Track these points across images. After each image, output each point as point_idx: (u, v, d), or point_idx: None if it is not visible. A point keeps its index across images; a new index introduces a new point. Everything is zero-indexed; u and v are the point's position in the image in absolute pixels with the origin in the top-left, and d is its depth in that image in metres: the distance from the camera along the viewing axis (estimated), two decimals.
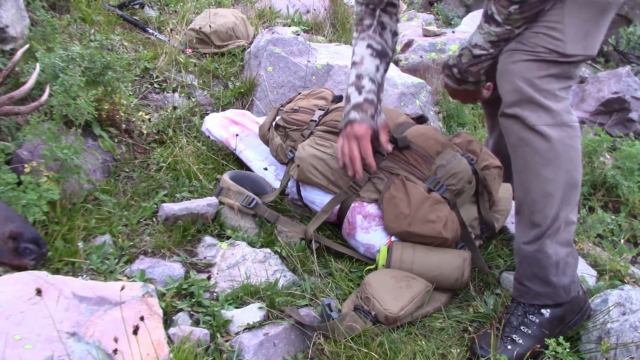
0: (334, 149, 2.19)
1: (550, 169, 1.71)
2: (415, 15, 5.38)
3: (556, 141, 1.69)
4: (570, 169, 1.73)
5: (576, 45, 1.68)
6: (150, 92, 2.99)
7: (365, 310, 1.85)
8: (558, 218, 1.74)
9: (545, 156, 1.70)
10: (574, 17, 1.66)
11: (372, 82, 2.07)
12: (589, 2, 1.66)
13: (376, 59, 2.09)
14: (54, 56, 2.32)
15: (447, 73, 2.10)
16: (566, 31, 1.67)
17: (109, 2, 3.64)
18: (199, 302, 1.82)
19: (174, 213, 2.13)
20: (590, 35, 1.69)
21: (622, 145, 3.01)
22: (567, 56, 1.68)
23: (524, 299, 1.83)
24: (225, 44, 3.46)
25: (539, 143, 1.70)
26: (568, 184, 1.73)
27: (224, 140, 2.63)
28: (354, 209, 2.15)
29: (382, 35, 2.11)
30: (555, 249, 1.76)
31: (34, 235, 1.78)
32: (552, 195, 1.73)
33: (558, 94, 1.70)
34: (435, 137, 2.20)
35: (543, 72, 1.69)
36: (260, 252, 2.06)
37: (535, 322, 1.79)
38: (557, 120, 1.69)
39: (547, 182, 1.73)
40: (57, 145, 2.02)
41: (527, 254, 1.80)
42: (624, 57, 5.61)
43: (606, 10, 1.70)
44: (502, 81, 1.77)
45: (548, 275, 1.77)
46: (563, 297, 1.79)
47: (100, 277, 1.84)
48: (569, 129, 1.71)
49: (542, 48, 1.69)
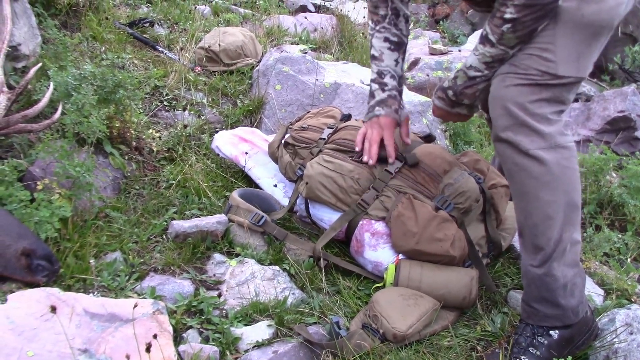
0: (343, 167, 2.21)
1: (549, 192, 1.71)
2: (422, 33, 5.42)
3: (551, 164, 1.69)
4: (569, 189, 1.73)
5: (568, 67, 1.68)
6: (160, 109, 3.03)
7: (374, 328, 1.86)
8: (562, 240, 1.74)
9: (542, 179, 1.70)
10: (567, 39, 1.67)
11: (394, 78, 2.18)
12: (582, 25, 1.67)
13: (394, 53, 2.17)
14: (67, 74, 2.36)
15: (440, 95, 2.06)
16: (558, 52, 1.67)
17: (120, 21, 3.69)
18: (208, 319, 1.83)
19: (184, 230, 2.15)
20: (582, 57, 1.70)
21: (629, 163, 3.02)
22: (558, 77, 1.68)
23: (532, 320, 1.84)
24: (234, 62, 3.50)
25: (534, 167, 1.70)
26: (568, 205, 1.73)
27: (233, 158, 2.66)
28: (362, 226, 2.16)
29: (397, 25, 2.16)
30: (562, 271, 1.76)
31: (47, 252, 1.80)
32: (552, 217, 1.73)
33: (550, 117, 1.70)
34: (443, 155, 2.22)
35: (535, 97, 1.69)
36: (269, 269, 2.08)
37: (543, 343, 1.79)
38: (550, 143, 1.69)
39: (546, 205, 1.73)
40: (69, 163, 2.05)
41: (535, 276, 1.80)
42: (630, 76, 5.63)
43: (599, 33, 1.70)
44: (495, 105, 1.77)
45: (556, 297, 1.77)
46: (571, 319, 1.79)
47: (111, 294, 1.86)
48: (563, 150, 1.71)
49: (534, 70, 1.69)
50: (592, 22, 1.67)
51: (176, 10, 4.22)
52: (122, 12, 3.95)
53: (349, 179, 2.19)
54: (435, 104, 2.09)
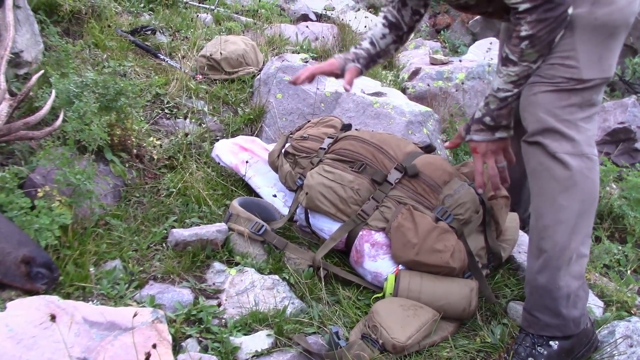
0: (343, 178, 2.22)
1: (566, 197, 1.73)
2: (423, 43, 5.44)
3: (575, 170, 1.71)
4: (585, 199, 1.74)
5: (592, 70, 1.71)
6: (161, 117, 3.03)
7: (373, 338, 1.85)
8: (568, 248, 1.74)
9: (563, 183, 1.72)
10: (585, 44, 1.70)
11: (371, 44, 2.26)
12: (597, 27, 1.70)
13: (385, 28, 2.25)
14: (69, 82, 2.37)
15: (477, 128, 1.96)
16: (580, 58, 1.70)
17: (122, 28, 3.71)
18: (207, 328, 1.83)
19: (184, 239, 2.15)
20: (604, 58, 1.73)
21: (629, 175, 3.02)
22: (584, 81, 1.71)
23: (532, 329, 1.83)
24: (236, 71, 3.51)
25: (558, 170, 1.73)
26: (581, 214, 1.74)
27: (234, 167, 2.66)
28: (361, 237, 2.17)
29: (400, 11, 2.23)
30: (567, 281, 1.76)
31: (46, 260, 1.80)
32: (563, 222, 1.74)
33: (580, 125, 1.72)
34: (443, 166, 2.23)
35: (564, 102, 1.72)
36: (269, 278, 2.08)
37: (543, 354, 1.79)
38: (577, 150, 1.71)
39: (560, 208, 1.74)
40: (70, 171, 2.06)
41: (539, 284, 1.80)
42: (630, 87, 5.64)
43: (615, 33, 1.73)
44: (525, 113, 1.80)
45: (558, 306, 1.77)
46: (572, 330, 1.79)
47: (110, 302, 1.85)
48: (588, 160, 1.73)
49: (560, 78, 1.72)
50: (606, 23, 1.70)
51: (178, 18, 4.25)
52: (124, 20, 3.96)
53: (349, 190, 2.20)
54: (475, 139, 1.98)
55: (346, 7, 6.12)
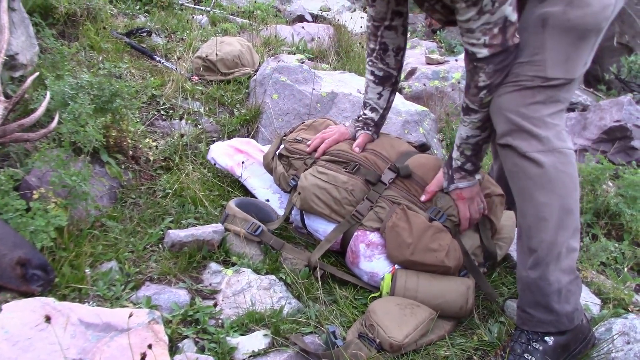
0: (337, 179, 2.22)
1: (543, 194, 1.75)
2: (419, 43, 5.43)
3: (548, 166, 1.73)
4: (564, 194, 1.75)
5: (557, 69, 1.73)
6: (157, 118, 3.03)
7: (370, 337, 1.85)
8: (555, 243, 1.76)
9: (538, 181, 1.75)
10: (555, 42, 1.72)
11: (373, 110, 2.37)
12: (569, 28, 1.71)
13: (378, 87, 2.33)
14: (64, 84, 2.37)
15: (460, 177, 2.10)
16: (547, 56, 1.72)
17: (117, 30, 3.70)
18: (204, 329, 1.83)
19: (180, 239, 2.15)
20: (571, 59, 1.74)
21: (625, 173, 3.02)
22: (548, 80, 1.73)
23: (527, 326, 1.84)
24: (231, 72, 3.50)
25: (531, 169, 1.75)
26: (562, 208, 1.75)
27: (229, 169, 2.66)
28: (356, 237, 2.16)
29: (384, 59, 2.27)
30: (557, 276, 1.76)
31: (42, 262, 1.80)
32: (546, 219, 1.76)
33: (547, 121, 1.74)
34: (437, 167, 2.22)
35: (529, 100, 1.74)
36: (266, 279, 2.08)
37: (538, 349, 1.79)
38: (548, 147, 1.73)
39: (541, 206, 1.76)
40: (65, 172, 2.05)
41: (529, 281, 1.81)
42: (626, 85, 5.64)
43: (586, 36, 1.74)
44: (493, 115, 1.84)
45: (550, 302, 1.78)
46: (566, 325, 1.79)
47: (106, 304, 1.85)
48: (560, 154, 1.75)
49: (525, 76, 1.75)
50: (577, 25, 1.71)
51: (174, 20, 4.24)
52: (120, 22, 3.96)
53: (343, 190, 2.19)
54: (461, 186, 2.10)
55: (342, 8, 6.11)
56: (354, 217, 2.18)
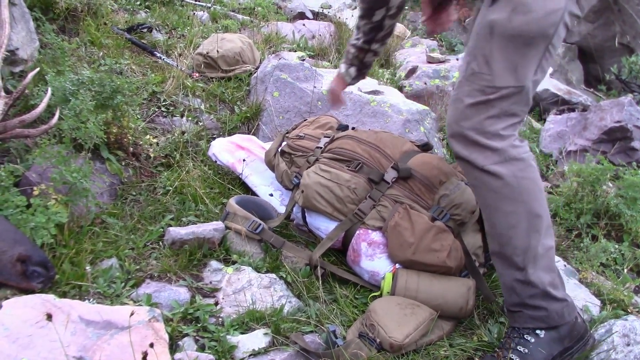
0: (340, 177, 2.21)
1: (508, 203, 1.74)
2: (419, 41, 5.42)
3: (507, 177, 1.72)
4: (527, 199, 1.74)
5: (505, 78, 1.70)
6: (158, 115, 3.02)
7: (370, 337, 1.85)
8: (529, 247, 1.75)
9: (500, 192, 1.74)
10: (501, 51, 1.69)
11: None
12: (513, 35, 1.68)
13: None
14: (65, 80, 2.36)
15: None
16: (495, 65, 1.70)
17: (118, 26, 3.69)
18: (204, 327, 1.82)
19: (181, 237, 2.14)
20: (520, 66, 1.70)
21: (625, 174, 3.02)
22: (498, 89, 1.70)
23: (518, 323, 1.84)
24: (232, 69, 3.50)
25: (492, 182, 1.74)
26: (530, 213, 1.75)
27: (230, 165, 2.65)
28: (358, 236, 2.16)
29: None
30: (538, 276, 1.77)
31: (42, 259, 1.79)
32: (515, 227, 1.75)
33: (502, 133, 1.73)
34: (439, 166, 2.22)
35: (483, 115, 1.72)
36: (266, 277, 2.07)
37: (531, 341, 1.79)
38: (504, 157, 1.72)
39: (507, 215, 1.76)
40: (66, 169, 2.05)
41: (510, 284, 1.82)
42: (626, 86, 5.64)
43: (532, 43, 1.69)
44: (449, 130, 1.81)
45: (535, 301, 1.78)
46: (557, 321, 1.79)
47: (106, 301, 1.84)
48: (517, 162, 1.74)
49: (477, 86, 1.73)
50: (521, 32, 1.67)
51: (174, 16, 4.23)
52: (121, 17, 3.95)
53: (346, 189, 2.19)
54: None
55: (343, 5, 6.11)
56: (356, 216, 2.18)
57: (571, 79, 6.07)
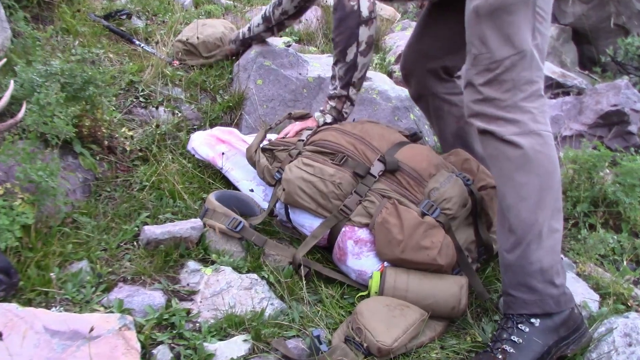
0: (323, 171, 2.10)
1: (522, 174, 1.77)
2: (410, 24, 5.28)
3: (526, 148, 1.75)
4: (542, 173, 1.76)
5: (503, 49, 1.76)
6: (135, 106, 2.88)
7: (357, 342, 1.74)
8: (536, 222, 1.75)
9: (517, 162, 1.77)
10: (490, 28, 1.77)
11: (248, 29, 3.20)
12: (494, 10, 1.75)
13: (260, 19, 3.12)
14: (32, 71, 2.22)
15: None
16: (490, 43, 1.77)
17: (95, 13, 3.54)
18: (180, 333, 1.71)
19: (156, 237, 2.02)
20: (512, 34, 1.76)
21: (622, 160, 2.91)
22: (500, 61, 1.77)
23: (512, 310, 1.79)
24: (213, 54, 3.35)
25: (510, 150, 1.78)
26: (543, 188, 1.76)
27: (210, 160, 2.53)
28: (344, 233, 2.05)
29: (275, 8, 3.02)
30: (538, 256, 1.74)
31: (4, 264, 1.68)
32: (525, 199, 1.76)
33: (521, 105, 1.77)
34: (429, 158, 2.11)
35: (498, 92, 1.78)
36: (247, 278, 1.96)
37: (525, 331, 1.73)
38: (524, 130, 1.76)
39: (520, 186, 1.77)
40: (31, 167, 1.92)
41: (511, 262, 1.79)
42: (622, 68, 5.53)
43: (513, 10, 1.75)
44: (467, 110, 1.88)
45: (533, 281, 1.74)
46: (552, 307, 1.74)
47: (75, 308, 1.73)
48: (538, 137, 1.77)
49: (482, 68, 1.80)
50: (499, 4, 1.75)
51: (155, 1, 4.07)
52: (98, 4, 3.79)
53: (330, 184, 2.07)
54: None
55: None
56: (341, 212, 2.06)
57: (565, 61, 5.96)
